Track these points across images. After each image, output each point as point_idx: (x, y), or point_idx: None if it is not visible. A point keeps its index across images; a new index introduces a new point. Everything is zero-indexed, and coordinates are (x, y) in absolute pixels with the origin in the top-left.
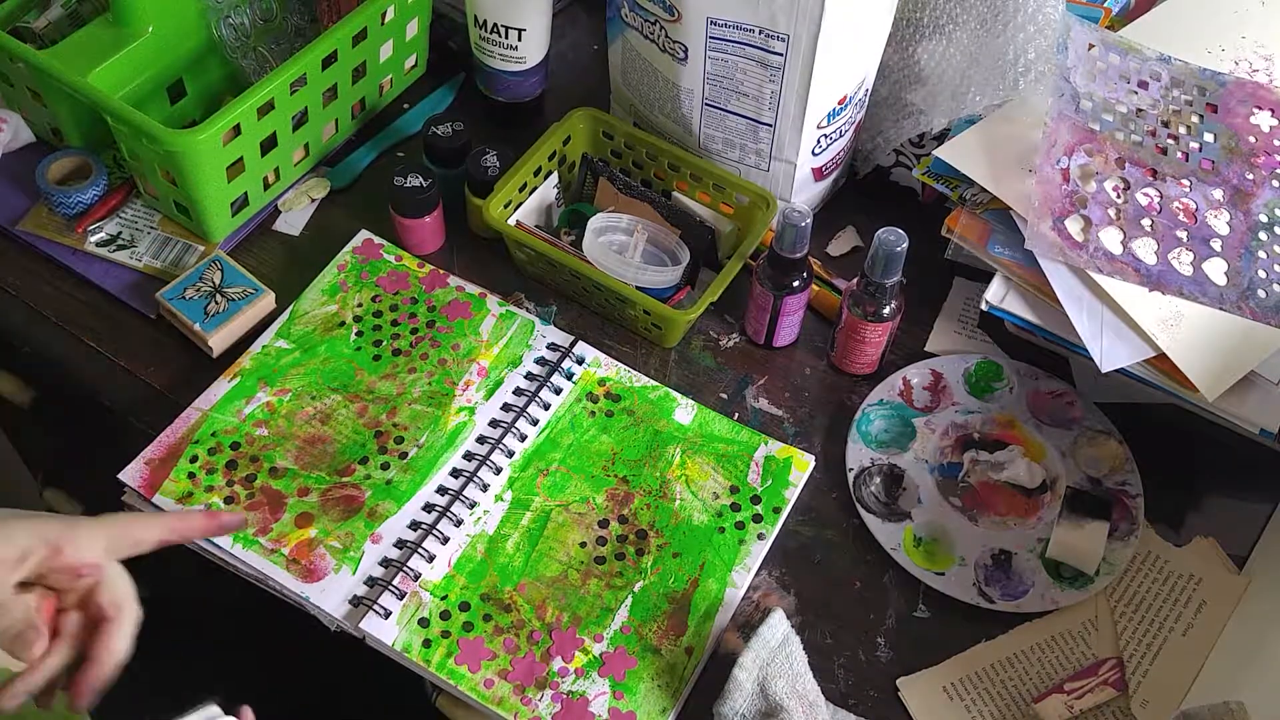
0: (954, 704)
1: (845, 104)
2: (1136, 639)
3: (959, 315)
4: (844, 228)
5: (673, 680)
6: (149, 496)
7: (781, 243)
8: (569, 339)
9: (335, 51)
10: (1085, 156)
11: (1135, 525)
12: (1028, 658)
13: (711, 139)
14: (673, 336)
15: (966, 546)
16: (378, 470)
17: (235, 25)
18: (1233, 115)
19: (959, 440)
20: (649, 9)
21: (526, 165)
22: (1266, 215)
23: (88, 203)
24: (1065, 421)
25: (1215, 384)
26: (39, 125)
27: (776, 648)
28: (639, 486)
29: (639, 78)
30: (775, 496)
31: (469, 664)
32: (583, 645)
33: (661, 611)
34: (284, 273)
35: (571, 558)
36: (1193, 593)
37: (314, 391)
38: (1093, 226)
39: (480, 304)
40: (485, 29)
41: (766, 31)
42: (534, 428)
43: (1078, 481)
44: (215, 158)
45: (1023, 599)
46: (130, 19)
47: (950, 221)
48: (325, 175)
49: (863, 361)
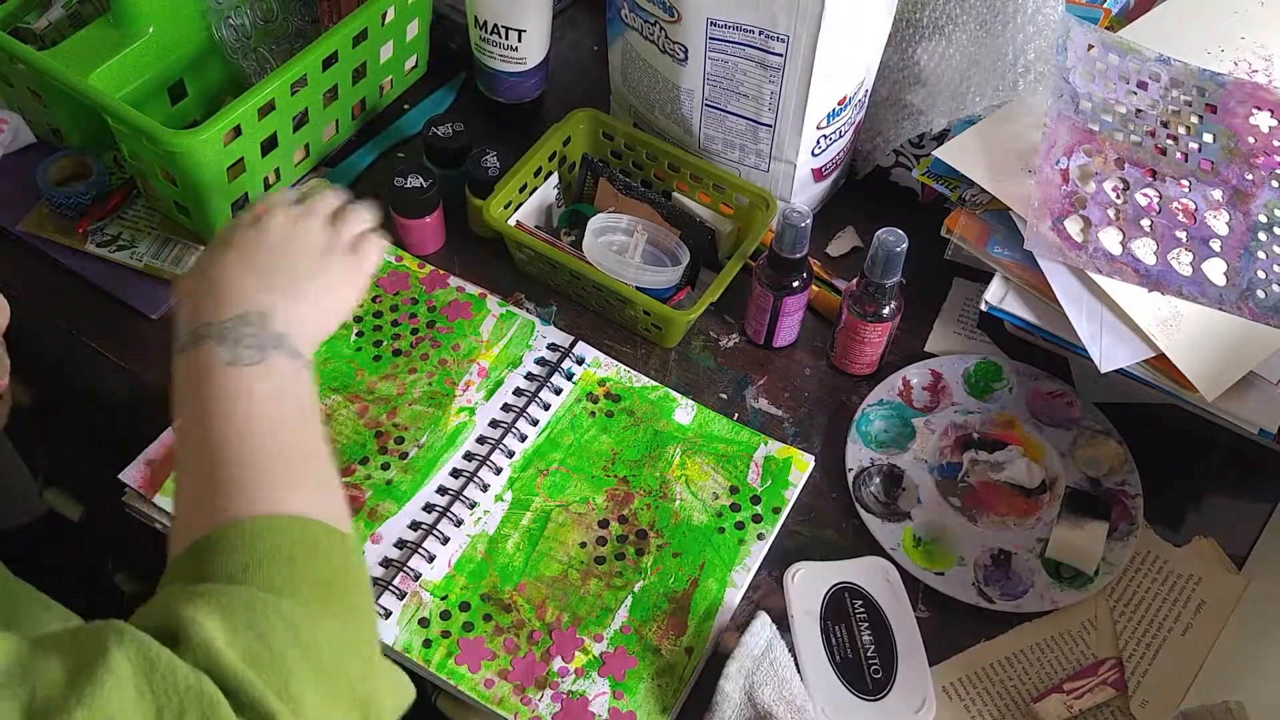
0: (954, 704)
1: (845, 104)
2: (1136, 639)
3: (958, 315)
4: (844, 228)
5: (672, 680)
6: (150, 496)
7: (781, 243)
8: (569, 339)
9: (336, 52)
10: (1085, 157)
11: (1134, 525)
12: (1027, 658)
13: (711, 139)
14: (673, 336)
15: (966, 546)
16: (378, 470)
17: (236, 26)
18: (1232, 116)
19: (958, 440)
20: (649, 10)
21: (526, 166)
22: (1266, 215)
23: (88, 203)
24: (1065, 422)
25: (1215, 384)
26: (39, 126)
27: (760, 655)
28: (639, 487)
29: (639, 78)
30: (775, 497)
31: (469, 664)
32: (583, 645)
33: (661, 611)
34: None
35: (571, 558)
36: (1192, 593)
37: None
38: (1092, 227)
39: (480, 304)
40: (485, 30)
41: (766, 32)
42: (534, 428)
43: (1077, 481)
44: (216, 158)
45: (1022, 599)
46: (131, 20)
47: (950, 222)
48: (326, 175)
49: (862, 362)
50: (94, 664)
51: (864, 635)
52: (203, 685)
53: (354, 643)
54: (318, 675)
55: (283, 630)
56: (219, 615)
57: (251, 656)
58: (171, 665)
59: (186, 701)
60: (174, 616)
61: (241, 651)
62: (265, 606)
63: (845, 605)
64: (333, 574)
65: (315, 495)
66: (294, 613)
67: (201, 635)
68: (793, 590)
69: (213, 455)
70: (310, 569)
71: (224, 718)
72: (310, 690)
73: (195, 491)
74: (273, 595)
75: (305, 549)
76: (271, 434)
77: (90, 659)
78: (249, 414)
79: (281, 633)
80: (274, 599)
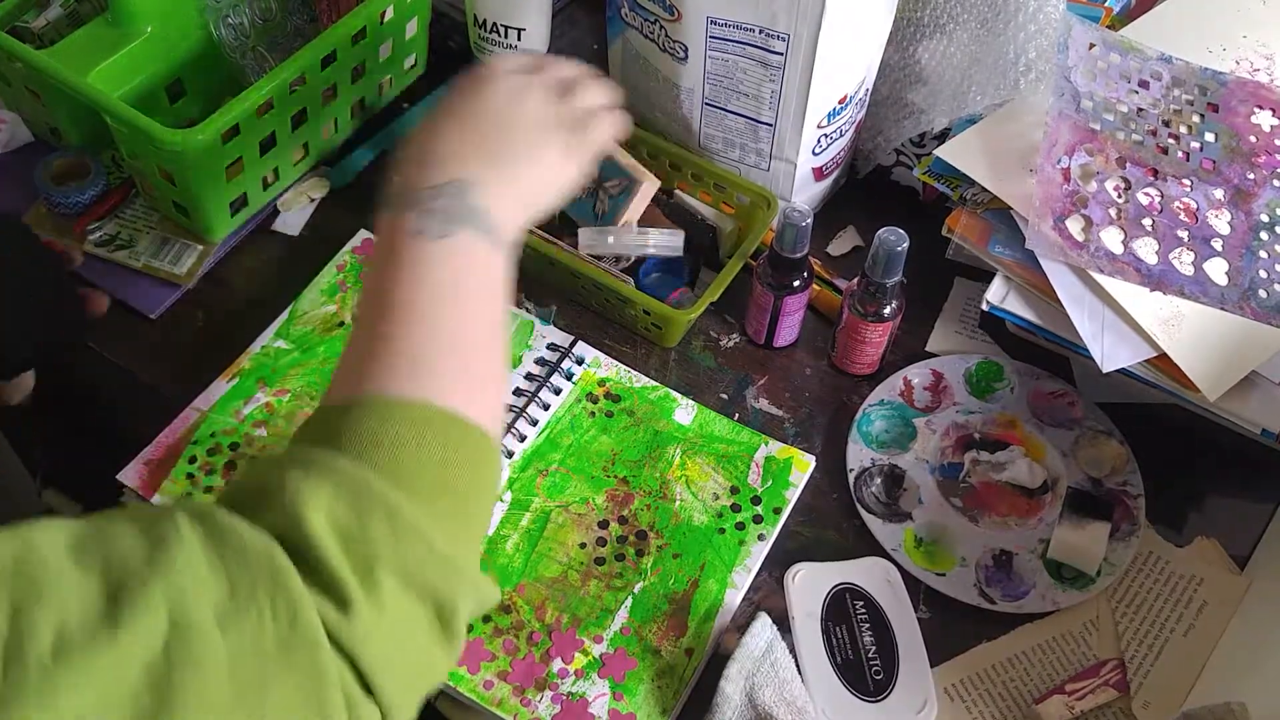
0: (955, 705)
1: (846, 103)
2: (1138, 640)
3: (959, 315)
4: (844, 228)
5: (673, 681)
6: (148, 497)
7: (782, 242)
8: (569, 339)
9: (334, 51)
10: (1086, 156)
11: (1136, 526)
12: (1029, 658)
13: (712, 138)
14: (673, 336)
15: (967, 547)
16: None
17: (234, 25)
18: (1234, 115)
19: (960, 440)
20: (649, 8)
21: None
22: (1267, 215)
23: (87, 202)
24: (1066, 422)
25: (1216, 384)
26: (38, 125)
27: (761, 656)
28: (639, 487)
29: (639, 77)
30: (775, 497)
31: (468, 665)
32: (582, 646)
33: (661, 612)
34: (283, 273)
35: (571, 559)
36: (1194, 593)
37: (313, 392)
38: (1093, 226)
39: None
40: (485, 28)
41: (767, 31)
42: (533, 428)
43: (1079, 482)
44: (214, 157)
45: (1024, 600)
46: (129, 19)
47: (951, 221)
48: (324, 175)
49: (863, 361)
50: (167, 538)
51: (865, 636)
52: (273, 555)
53: (452, 555)
54: (401, 569)
55: (381, 517)
56: (327, 487)
57: (343, 533)
58: (242, 538)
59: (258, 574)
60: (277, 476)
61: (335, 526)
62: (373, 493)
63: (846, 606)
64: (462, 480)
65: (475, 392)
66: (402, 507)
67: (296, 500)
68: (793, 591)
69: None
70: (444, 471)
71: (293, 588)
72: (391, 579)
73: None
74: (390, 484)
75: (447, 448)
76: (447, 318)
77: (163, 533)
78: (428, 291)
79: (379, 519)
80: (389, 489)
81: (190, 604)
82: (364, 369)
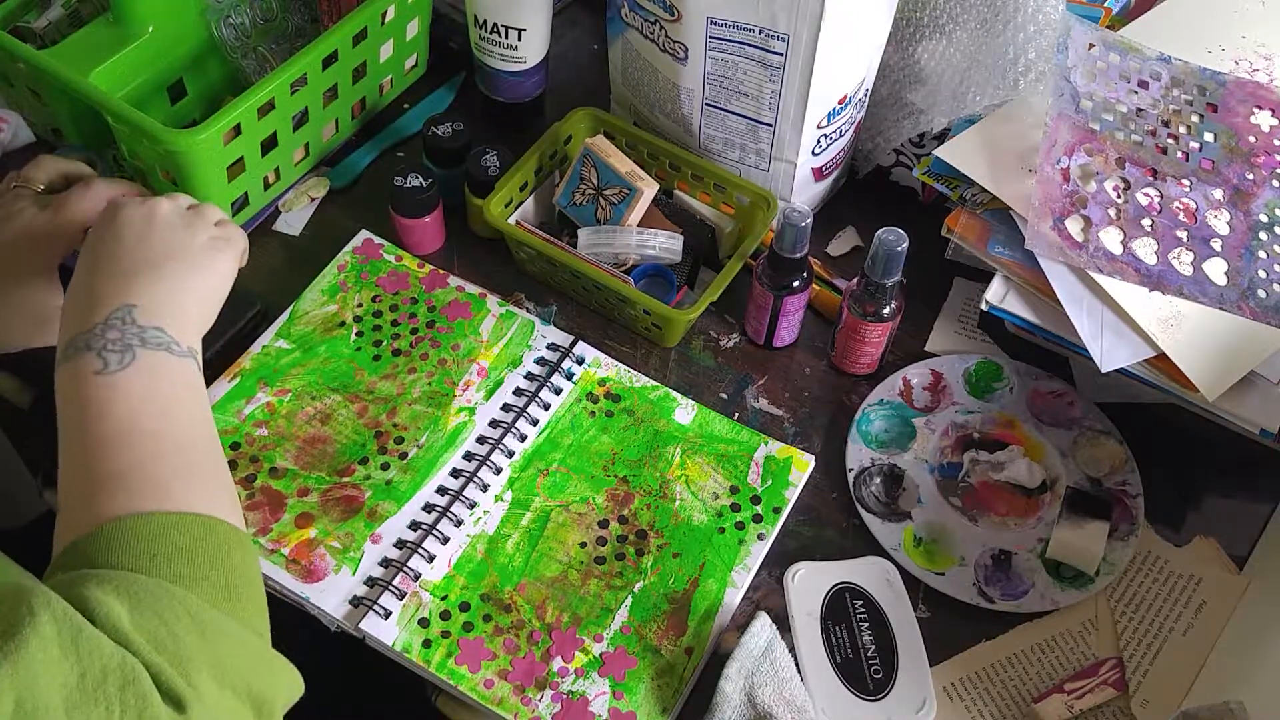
0: (954, 704)
1: (845, 104)
2: (1137, 639)
3: (959, 315)
4: (844, 228)
5: (673, 680)
6: None
7: (781, 243)
8: (569, 339)
9: (336, 51)
10: (1085, 156)
11: (1135, 525)
12: (1028, 658)
13: (711, 139)
14: (673, 336)
15: (966, 546)
16: (378, 470)
17: (236, 25)
18: (1233, 115)
19: (959, 440)
20: (649, 9)
21: (526, 165)
22: (1267, 215)
23: None
24: (1065, 421)
25: (1215, 384)
26: (39, 125)
27: (760, 655)
28: (639, 487)
29: (639, 77)
30: (775, 496)
31: (469, 664)
32: (583, 645)
33: (661, 612)
34: (284, 273)
35: (571, 558)
36: (1193, 593)
37: (314, 392)
38: (1093, 226)
39: (480, 304)
40: (485, 29)
41: (766, 31)
42: (534, 428)
43: (1078, 481)
44: (216, 158)
45: (1023, 599)
46: (130, 19)
47: (950, 221)
48: (325, 175)
49: (863, 361)
50: (20, 623)
51: (864, 635)
52: (124, 657)
53: (252, 642)
54: (216, 670)
55: (187, 621)
56: (127, 599)
57: (156, 640)
58: (95, 634)
59: (108, 669)
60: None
61: (147, 635)
62: (170, 597)
63: (846, 605)
64: (234, 574)
65: (213, 491)
66: (198, 608)
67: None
68: (793, 590)
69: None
70: (213, 569)
71: (146, 689)
72: (208, 682)
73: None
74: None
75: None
76: (160, 432)
77: (16, 618)
78: (131, 417)
79: (186, 623)
80: (180, 591)
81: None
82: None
